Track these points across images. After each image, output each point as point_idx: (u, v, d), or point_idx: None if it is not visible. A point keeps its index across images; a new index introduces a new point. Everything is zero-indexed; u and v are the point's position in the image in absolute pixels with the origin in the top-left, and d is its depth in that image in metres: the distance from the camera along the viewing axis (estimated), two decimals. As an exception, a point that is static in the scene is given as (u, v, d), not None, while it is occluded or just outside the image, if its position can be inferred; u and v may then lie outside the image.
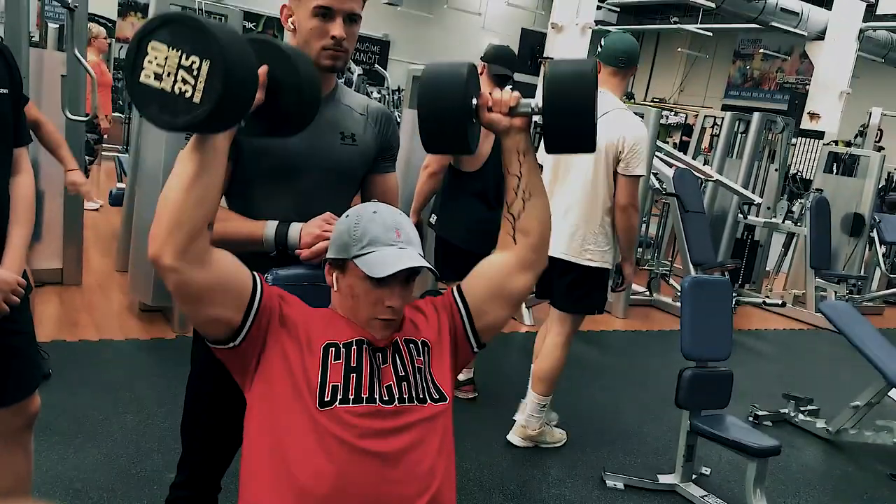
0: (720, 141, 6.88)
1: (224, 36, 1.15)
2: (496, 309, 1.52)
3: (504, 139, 1.50)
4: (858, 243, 6.84)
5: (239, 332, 1.33)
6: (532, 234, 1.51)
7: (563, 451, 3.14)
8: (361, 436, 1.30)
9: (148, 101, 1.16)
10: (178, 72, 1.14)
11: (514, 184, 1.51)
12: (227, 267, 1.32)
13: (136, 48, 1.16)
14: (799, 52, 16.15)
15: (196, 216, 1.24)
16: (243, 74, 1.19)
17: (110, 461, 2.55)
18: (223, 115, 1.18)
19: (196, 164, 1.24)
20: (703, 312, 2.81)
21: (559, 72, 1.42)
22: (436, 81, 1.43)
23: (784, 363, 5.14)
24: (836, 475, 3.32)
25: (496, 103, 1.47)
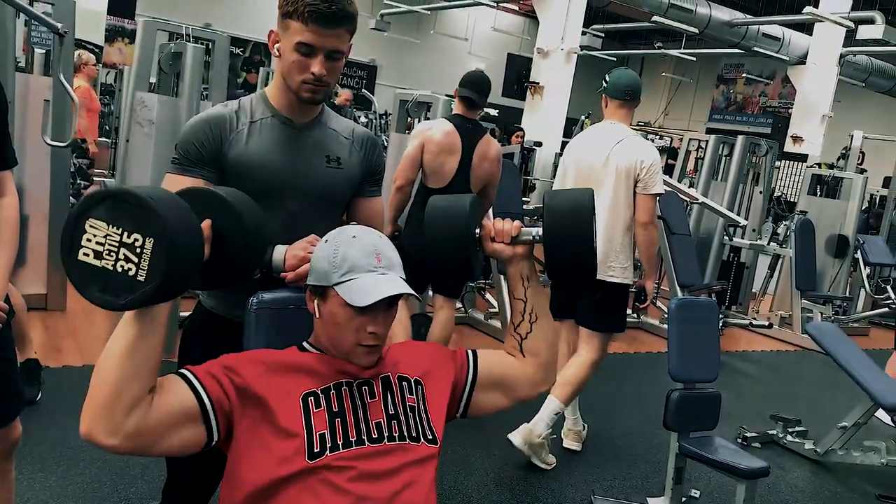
0: (705, 164, 6.93)
1: (165, 210, 1.12)
2: (497, 397, 1.55)
3: (507, 267, 1.54)
4: (843, 264, 6.90)
5: (211, 438, 1.29)
6: (541, 355, 1.55)
7: (551, 473, 3.12)
8: (353, 479, 1.27)
9: (87, 279, 1.12)
10: (121, 250, 1.11)
11: (521, 308, 1.54)
12: (166, 410, 1.23)
13: (74, 225, 1.12)
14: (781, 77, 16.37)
15: (132, 389, 1.18)
16: (189, 245, 1.16)
17: (93, 488, 2.51)
18: (169, 289, 1.15)
19: (134, 334, 1.19)
20: (690, 334, 2.82)
21: (557, 203, 1.47)
22: (440, 213, 1.48)
23: (771, 384, 5.15)
24: (825, 496, 3.32)
25: (498, 233, 1.51)
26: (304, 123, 1.70)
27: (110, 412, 1.16)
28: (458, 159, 3.42)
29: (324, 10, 1.52)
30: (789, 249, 6.34)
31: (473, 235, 1.49)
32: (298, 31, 1.55)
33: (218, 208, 1.32)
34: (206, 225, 1.28)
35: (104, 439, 1.17)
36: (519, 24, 18.24)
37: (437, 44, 16.88)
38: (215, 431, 1.28)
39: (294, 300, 1.51)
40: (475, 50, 17.66)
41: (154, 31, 4.14)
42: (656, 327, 5.90)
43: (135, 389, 1.18)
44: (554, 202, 1.47)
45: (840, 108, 11.31)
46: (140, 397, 1.19)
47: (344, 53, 1.61)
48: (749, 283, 7.03)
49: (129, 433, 1.18)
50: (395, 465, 1.31)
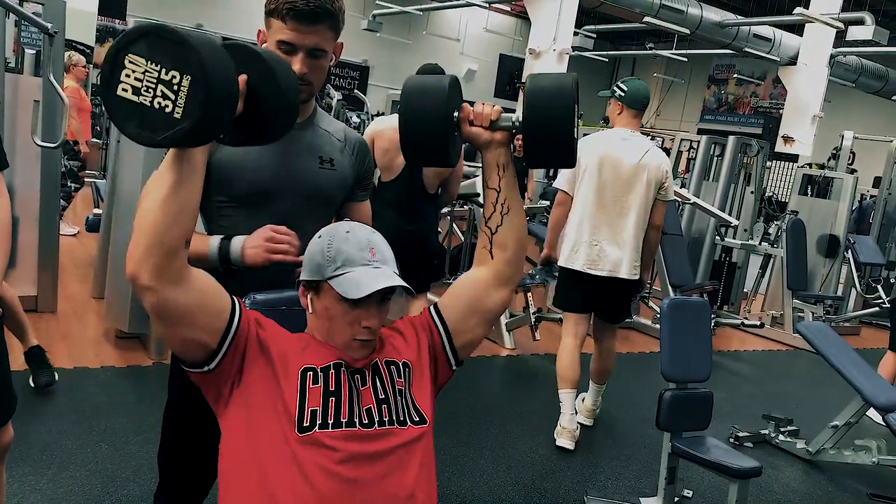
0: (696, 164, 6.95)
1: (204, 49, 1.13)
2: (474, 326, 1.52)
3: (484, 153, 1.51)
4: (834, 264, 6.93)
5: (215, 355, 1.31)
6: (509, 249, 1.51)
7: (544, 474, 3.13)
8: (342, 461, 1.28)
9: (126, 115, 1.13)
10: (158, 86, 1.12)
11: (493, 198, 1.51)
12: (206, 288, 1.30)
13: (113, 61, 1.13)
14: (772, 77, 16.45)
15: (173, 234, 1.22)
16: (224, 88, 1.17)
17: (84, 491, 2.49)
18: (205, 130, 1.16)
19: (173, 179, 1.22)
20: (682, 334, 2.82)
21: (539, 86, 1.42)
22: (417, 94, 1.44)
23: (763, 384, 5.17)
24: (817, 495, 3.33)
25: (477, 116, 1.48)
26: (296, 123, 1.70)
27: (153, 254, 1.20)
28: None
29: (301, 8, 1.52)
30: (780, 249, 6.36)
31: (451, 117, 1.45)
32: (279, 29, 1.55)
33: (255, 68, 1.32)
34: (242, 80, 1.29)
35: (147, 280, 1.20)
36: (511, 25, 18.26)
37: (429, 44, 16.88)
38: (222, 353, 1.32)
39: (286, 301, 1.51)
40: (467, 51, 17.66)
41: (144, 31, 4.12)
42: (648, 327, 5.91)
43: (175, 233, 1.22)
44: (535, 86, 1.43)
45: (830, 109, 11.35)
46: (179, 244, 1.23)
47: (327, 51, 1.60)
48: (741, 283, 7.05)
49: (170, 279, 1.22)
50: (384, 448, 1.32)
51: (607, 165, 3.40)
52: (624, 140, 3.45)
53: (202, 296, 1.29)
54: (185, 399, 1.63)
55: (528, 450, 3.36)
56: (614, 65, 20.63)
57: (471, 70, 17.73)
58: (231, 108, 1.23)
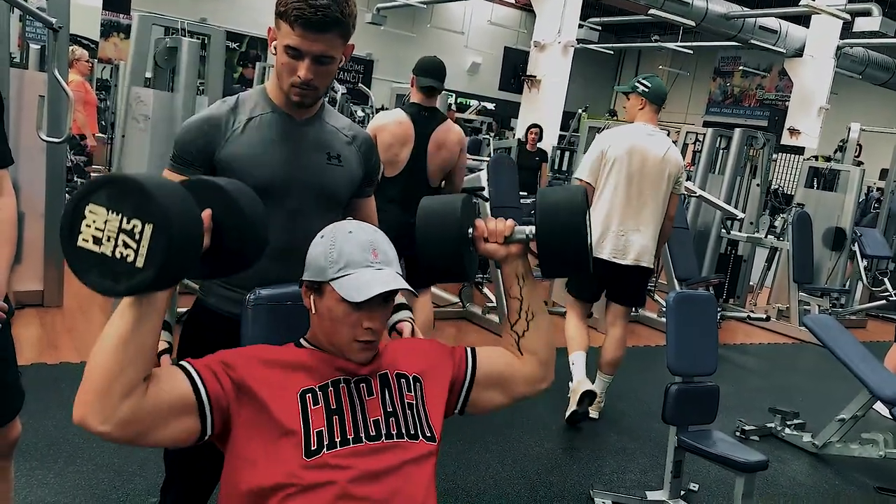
0: (702, 157, 6.92)
1: (165, 196, 1.11)
2: (496, 395, 1.54)
3: (503, 266, 1.53)
4: (840, 257, 6.91)
5: (204, 432, 1.27)
6: (540, 353, 1.54)
7: (549, 468, 3.13)
8: (353, 479, 1.26)
9: (87, 266, 1.12)
10: (119, 236, 1.10)
11: (517, 306, 1.53)
12: (163, 399, 1.22)
13: (73, 211, 1.12)
14: (778, 69, 16.37)
15: (128, 377, 1.16)
16: (188, 233, 1.15)
17: (91, 485, 2.50)
18: (168, 276, 1.14)
19: (132, 320, 1.17)
20: (688, 328, 2.82)
21: (550, 201, 1.46)
22: (432, 216, 1.48)
23: (769, 377, 5.16)
24: (824, 489, 3.32)
25: (491, 234, 1.50)
26: (304, 119, 1.69)
27: (105, 398, 1.15)
28: (410, 149, 3.43)
29: (310, 16, 1.49)
30: (786, 242, 6.34)
31: (466, 236, 1.48)
32: (287, 34, 1.53)
33: (219, 199, 1.30)
34: (207, 215, 1.27)
35: (97, 426, 1.15)
36: (515, 18, 18.20)
37: (433, 38, 16.84)
38: (209, 425, 1.27)
39: (291, 296, 1.51)
40: (472, 43, 17.62)
41: (149, 25, 4.12)
42: (654, 321, 5.90)
43: (130, 376, 1.16)
44: (546, 200, 1.47)
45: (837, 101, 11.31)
46: (135, 384, 1.17)
47: (334, 59, 1.58)
48: (746, 276, 7.04)
49: (123, 420, 1.16)
50: (394, 464, 1.30)
51: (635, 158, 3.55)
52: (649, 135, 3.61)
53: (162, 408, 1.22)
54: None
55: (533, 444, 3.36)
56: (619, 57, 20.57)
57: (475, 63, 17.70)
58: (196, 251, 1.20)
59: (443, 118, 3.54)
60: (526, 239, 1.50)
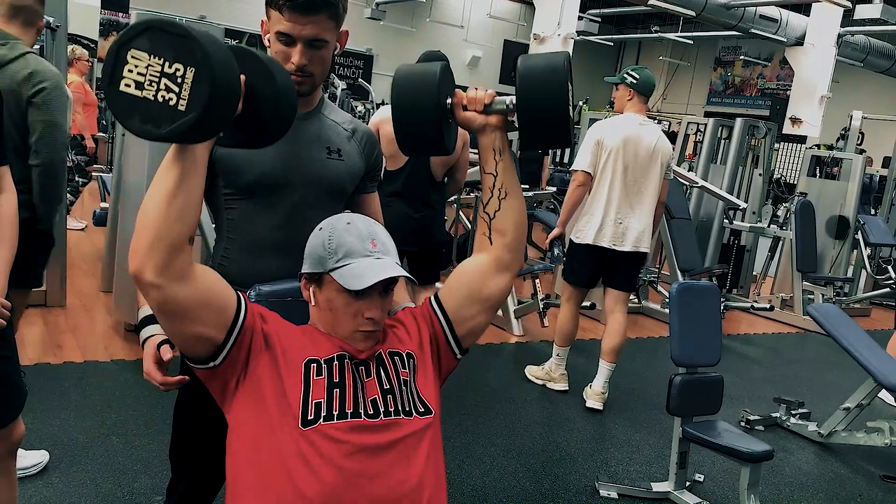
0: (704, 147, 6.90)
1: (207, 41, 1.12)
2: (476, 313, 1.50)
3: (480, 137, 1.49)
4: (844, 245, 6.89)
5: (220, 350, 1.30)
6: (508, 234, 1.49)
7: (555, 460, 3.12)
8: (348, 454, 1.27)
9: (129, 110, 1.12)
10: (161, 80, 1.11)
11: (490, 183, 1.49)
12: (210, 283, 1.29)
13: (115, 57, 1.12)
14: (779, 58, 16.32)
15: (177, 230, 1.20)
16: (228, 81, 1.16)
17: (96, 485, 2.50)
18: (209, 123, 1.15)
19: (176, 175, 1.21)
20: (691, 318, 2.81)
21: (531, 66, 1.41)
22: (409, 83, 1.43)
23: (774, 367, 5.15)
24: (829, 478, 3.32)
25: (471, 101, 1.47)
26: (302, 114, 1.68)
27: (158, 250, 1.19)
28: None
29: (298, 0, 1.49)
30: (789, 231, 6.32)
31: (445, 104, 1.44)
32: (277, 20, 1.52)
33: (254, 70, 1.31)
34: (241, 80, 1.27)
35: (152, 276, 1.19)
36: (515, 11, 18.14)
37: (432, 32, 16.79)
38: (227, 348, 1.31)
39: (292, 291, 1.50)
40: (471, 37, 17.56)
41: (147, 23, 4.11)
42: (658, 312, 5.89)
43: (179, 229, 1.21)
44: (527, 67, 1.41)
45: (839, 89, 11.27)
46: (184, 239, 1.22)
47: (327, 41, 1.57)
48: (750, 266, 7.02)
49: (174, 275, 1.21)
50: (390, 440, 1.32)
51: (629, 148, 3.68)
52: (641, 125, 3.74)
53: (207, 291, 1.28)
54: (195, 395, 1.63)
55: (538, 437, 3.35)
56: (619, 49, 20.50)
57: (475, 57, 17.65)
58: (234, 103, 1.22)
59: None
60: (506, 109, 1.45)
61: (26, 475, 2.45)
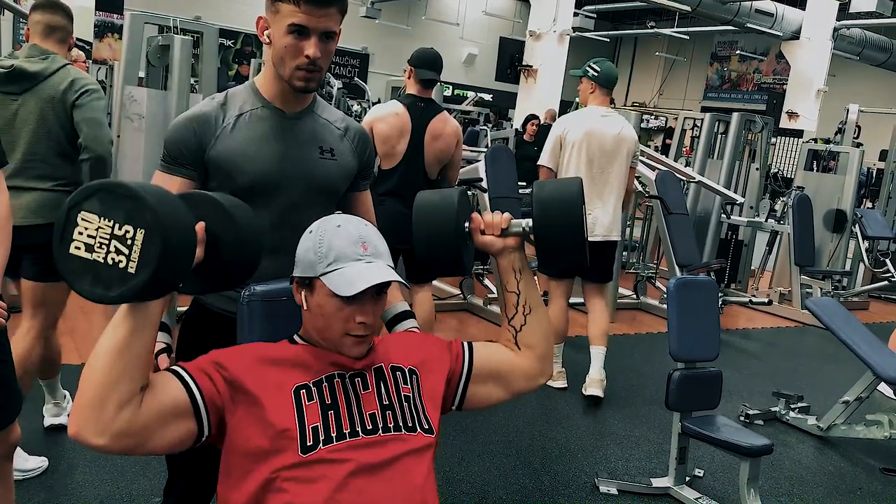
0: (700, 142, 6.90)
1: (157, 202, 1.10)
2: (494, 390, 1.52)
3: (499, 259, 1.52)
4: (841, 239, 6.89)
5: (201, 434, 1.27)
6: (537, 348, 1.53)
7: (554, 457, 3.12)
8: (349, 475, 1.25)
9: (79, 273, 1.11)
10: (111, 242, 1.10)
11: (514, 301, 1.52)
12: (157, 408, 1.21)
13: (66, 219, 1.11)
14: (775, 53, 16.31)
15: (123, 388, 1.15)
16: (180, 238, 1.14)
17: (95, 487, 2.50)
18: (159, 284, 1.13)
19: (126, 331, 1.17)
20: (689, 313, 2.81)
21: (546, 194, 1.46)
22: (428, 210, 1.47)
23: (772, 361, 5.15)
24: (829, 471, 3.32)
25: (488, 226, 1.49)
26: (295, 113, 1.68)
27: (100, 412, 1.14)
28: (407, 140, 3.43)
29: None
30: (787, 226, 6.32)
31: (463, 230, 1.47)
32: (290, 13, 1.51)
33: (213, 212, 1.29)
34: (200, 227, 1.26)
35: (93, 439, 1.14)
36: (510, 8, 18.14)
37: (428, 30, 16.78)
38: (206, 427, 1.26)
39: (286, 291, 1.50)
40: (467, 35, 17.56)
41: (142, 24, 4.09)
42: (656, 307, 5.89)
43: (126, 388, 1.16)
44: (543, 193, 1.46)
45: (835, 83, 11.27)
46: (131, 396, 1.16)
47: (336, 34, 1.58)
48: (748, 261, 7.02)
49: (119, 432, 1.15)
50: (392, 455, 1.29)
51: (594, 141, 3.78)
52: (603, 117, 3.84)
53: (158, 416, 1.21)
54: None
55: (537, 434, 3.35)
56: (616, 45, 20.50)
57: (471, 54, 17.65)
58: (189, 258, 1.19)
59: (439, 109, 3.54)
60: (522, 232, 1.49)
61: (25, 478, 2.45)
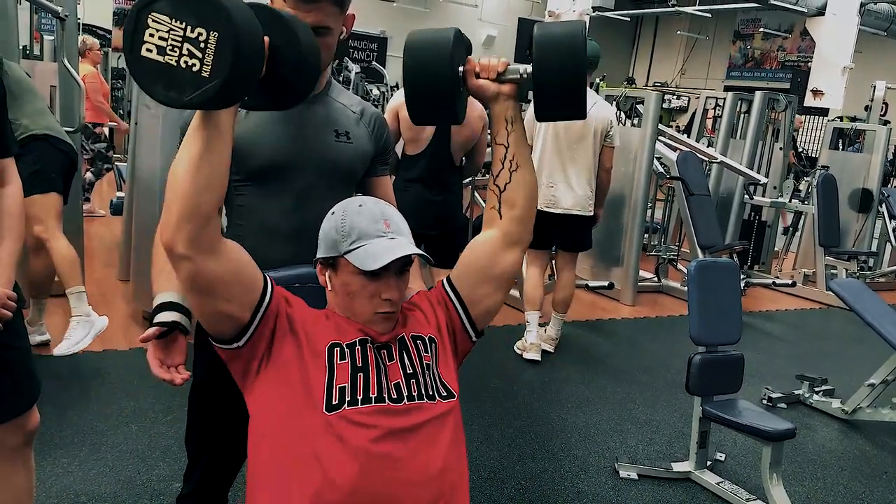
0: (723, 122, 6.81)
1: (231, 5, 1.09)
2: (489, 292, 1.48)
3: (492, 106, 1.46)
4: (867, 219, 6.77)
5: (245, 331, 1.30)
6: (517, 207, 1.46)
7: (574, 442, 3.10)
8: (375, 438, 1.26)
9: (152, 77, 1.10)
10: (184, 45, 1.08)
11: (501, 154, 1.46)
12: (240, 259, 1.29)
13: (135, 21, 1.09)
14: (800, 30, 16.00)
15: (206, 199, 1.19)
16: (252, 45, 1.13)
17: (115, 472, 2.52)
18: (233, 89, 1.12)
19: (202, 144, 1.19)
20: (710, 296, 2.77)
21: (548, 35, 1.37)
22: (421, 49, 1.39)
23: (796, 343, 5.09)
24: (854, 455, 3.27)
25: (484, 69, 1.44)
26: (310, 97, 1.66)
27: (188, 221, 1.18)
28: (433, 127, 3.38)
29: None
30: (811, 206, 6.23)
31: (457, 72, 1.41)
32: (279, 6, 1.49)
33: (277, 29, 1.28)
34: (265, 41, 1.24)
35: (183, 248, 1.19)
36: (529, -12, 17.93)
37: (446, 12, 16.65)
38: (252, 328, 1.30)
39: (301, 277, 1.49)
40: (486, 16, 17.40)
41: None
42: (678, 290, 5.83)
43: (208, 201, 1.19)
44: (544, 35, 1.37)
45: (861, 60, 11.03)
46: (213, 209, 1.21)
47: (332, 29, 1.54)
48: (771, 242, 6.93)
49: (205, 247, 1.20)
50: (414, 424, 1.31)
51: (563, 122, 3.86)
52: None
53: (236, 267, 1.27)
54: (209, 382, 1.62)
55: (556, 418, 3.33)
56: (636, 24, 20.23)
57: (490, 36, 17.50)
58: (258, 68, 1.19)
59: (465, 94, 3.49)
60: (520, 78, 1.42)
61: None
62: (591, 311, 5.17)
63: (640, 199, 5.45)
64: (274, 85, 1.29)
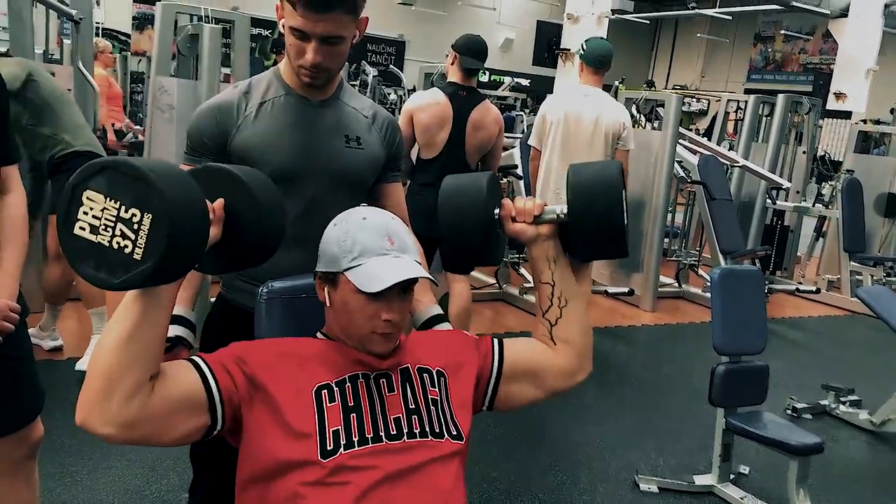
0: (745, 125, 6.70)
1: (166, 184, 1.03)
2: (527, 388, 1.42)
3: (531, 248, 1.41)
4: (894, 224, 6.63)
5: (214, 425, 1.20)
6: (574, 342, 1.43)
7: (592, 453, 3.03)
8: (371, 481, 1.17)
9: (82, 255, 1.05)
10: (117, 225, 1.03)
11: (548, 292, 1.41)
12: (171, 398, 1.15)
13: (70, 197, 1.05)
14: (822, 32, 15.82)
15: (131, 377, 1.09)
16: (190, 225, 1.07)
17: (125, 482, 2.48)
18: (167, 271, 1.06)
19: (136, 318, 1.10)
20: (734, 305, 2.69)
21: (583, 177, 1.34)
22: (456, 197, 1.35)
23: (821, 352, 4.98)
24: (882, 468, 3.17)
25: (520, 213, 1.38)
26: (321, 101, 1.62)
27: (107, 401, 1.08)
28: (449, 130, 3.34)
29: None
30: (835, 210, 6.11)
31: (493, 217, 1.37)
32: (290, 14, 1.46)
33: (232, 187, 1.23)
34: (219, 204, 1.20)
35: (100, 429, 1.09)
36: (548, -9, 17.87)
37: (464, 15, 16.62)
38: (220, 421, 1.20)
39: (306, 288, 1.43)
40: (504, 19, 17.36)
41: (173, 14, 4.06)
42: (699, 296, 5.74)
43: (134, 378, 1.09)
44: (580, 177, 1.34)
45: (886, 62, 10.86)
46: (139, 385, 1.10)
47: (343, 38, 1.49)
48: (794, 247, 6.81)
49: (127, 422, 1.09)
50: (417, 462, 1.22)
51: (571, 120, 3.80)
52: (585, 96, 3.84)
53: (170, 407, 1.15)
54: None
55: (575, 429, 3.26)
56: (656, 27, 20.11)
57: (508, 39, 17.46)
58: (199, 245, 1.13)
59: (481, 98, 3.44)
60: (556, 219, 1.38)
61: None
62: (611, 318, 5.09)
63: (661, 204, 5.37)
64: (233, 247, 1.23)
